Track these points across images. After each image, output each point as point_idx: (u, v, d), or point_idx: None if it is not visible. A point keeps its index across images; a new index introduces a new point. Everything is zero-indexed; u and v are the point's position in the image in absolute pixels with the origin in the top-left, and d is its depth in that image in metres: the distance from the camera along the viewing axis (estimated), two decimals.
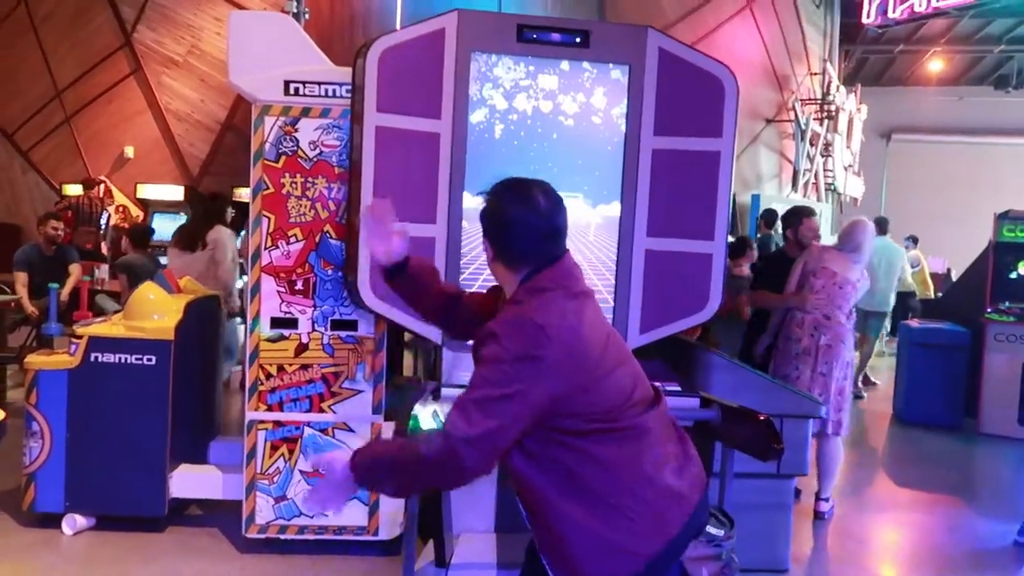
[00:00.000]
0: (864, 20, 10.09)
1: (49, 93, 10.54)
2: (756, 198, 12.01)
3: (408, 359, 4.86)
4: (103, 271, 7.22)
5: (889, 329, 9.35)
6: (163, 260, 9.07)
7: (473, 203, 3.25)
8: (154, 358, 3.45)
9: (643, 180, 3.31)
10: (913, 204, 19.38)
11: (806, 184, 14.17)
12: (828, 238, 14.48)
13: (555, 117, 3.29)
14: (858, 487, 5.04)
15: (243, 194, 9.84)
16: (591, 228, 3.35)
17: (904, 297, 9.10)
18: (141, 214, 10.25)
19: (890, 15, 9.52)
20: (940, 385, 6.74)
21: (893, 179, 20.00)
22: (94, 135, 10.61)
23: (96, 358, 3.43)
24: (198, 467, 3.69)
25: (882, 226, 8.00)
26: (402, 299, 2.12)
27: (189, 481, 3.59)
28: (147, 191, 10.08)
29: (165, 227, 9.81)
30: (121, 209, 10.30)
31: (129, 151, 10.55)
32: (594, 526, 1.63)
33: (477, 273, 3.27)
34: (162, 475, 3.50)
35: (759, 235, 9.12)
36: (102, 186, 10.06)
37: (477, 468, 1.56)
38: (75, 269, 6.36)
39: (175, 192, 10.00)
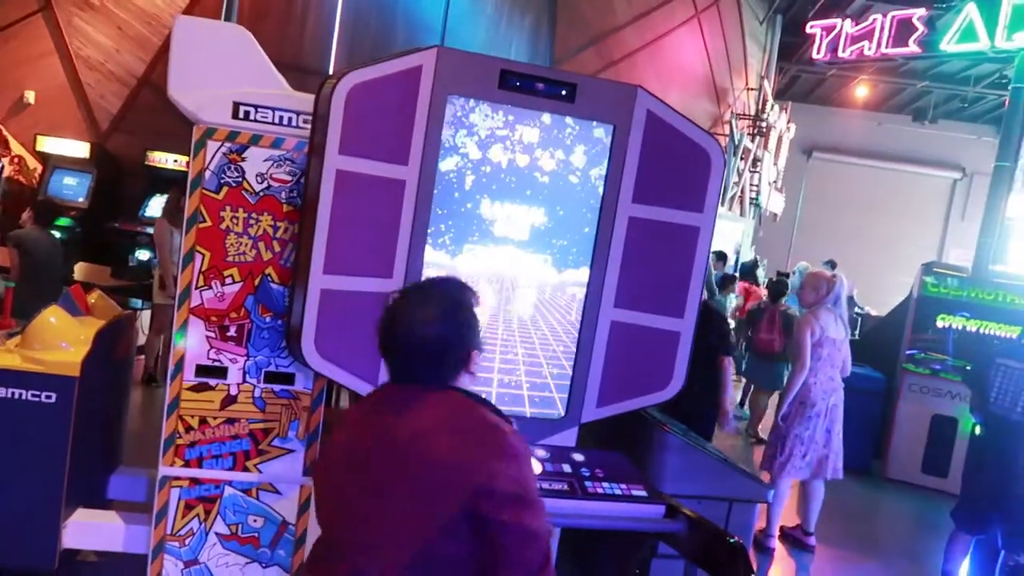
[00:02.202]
0: (814, 55, 10.23)
1: None
2: None
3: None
4: None
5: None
6: (62, 222, 8.39)
7: (434, 257, 2.99)
8: (54, 395, 3.03)
9: (616, 248, 3.12)
10: (826, 222, 20.16)
11: (732, 199, 14.40)
12: (747, 252, 14.85)
13: (531, 172, 3.05)
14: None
15: (156, 158, 9.16)
16: (557, 293, 3.15)
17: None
18: (39, 167, 9.40)
19: (840, 54, 9.67)
20: (853, 429, 6.89)
21: (809, 196, 20.68)
22: None
23: None
24: (96, 513, 3.30)
25: None
26: None
27: (85, 530, 3.19)
28: (48, 144, 9.22)
29: (68, 185, 9.03)
30: (17, 160, 9.41)
31: (30, 96, 9.59)
32: None
33: None
34: (54, 524, 3.10)
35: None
36: None
37: None
38: None
39: (80, 148, 9.18)
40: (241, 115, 2.87)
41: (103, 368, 3.30)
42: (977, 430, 4.32)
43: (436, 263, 2.99)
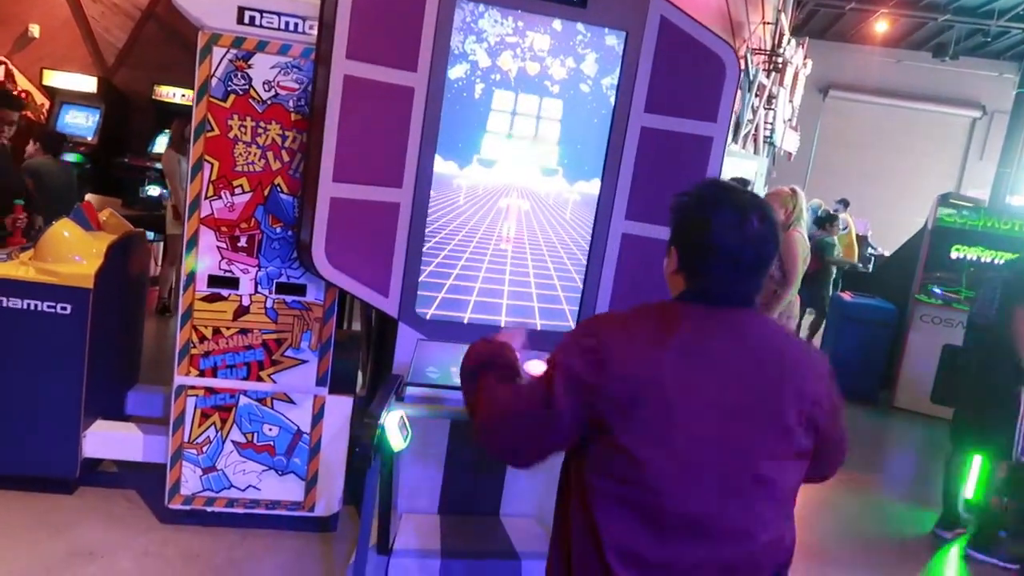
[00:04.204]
0: None
1: None
2: None
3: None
4: None
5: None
6: (70, 158, 8.39)
7: (444, 167, 2.97)
8: (69, 307, 3.07)
9: (628, 159, 3.08)
10: (841, 162, 19.88)
11: (746, 136, 14.17)
12: (760, 189, 14.69)
13: (541, 81, 3.00)
14: None
15: (163, 92, 9.08)
16: (568, 205, 3.13)
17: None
18: (47, 102, 9.35)
19: None
20: (863, 358, 6.95)
21: (825, 135, 20.34)
22: None
23: (1, 303, 3.03)
24: (115, 424, 3.37)
25: None
26: None
27: (105, 440, 3.28)
28: (55, 79, 9.15)
29: (76, 121, 9.00)
30: (24, 95, 9.36)
31: (34, 30, 9.49)
32: None
33: (442, 244, 3.02)
34: (74, 434, 3.17)
35: None
36: (2, 68, 9.08)
37: None
38: None
39: (87, 83, 9.10)
40: (246, 20, 2.82)
41: (116, 282, 3.33)
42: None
43: (445, 173, 2.97)
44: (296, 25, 2.87)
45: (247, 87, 2.87)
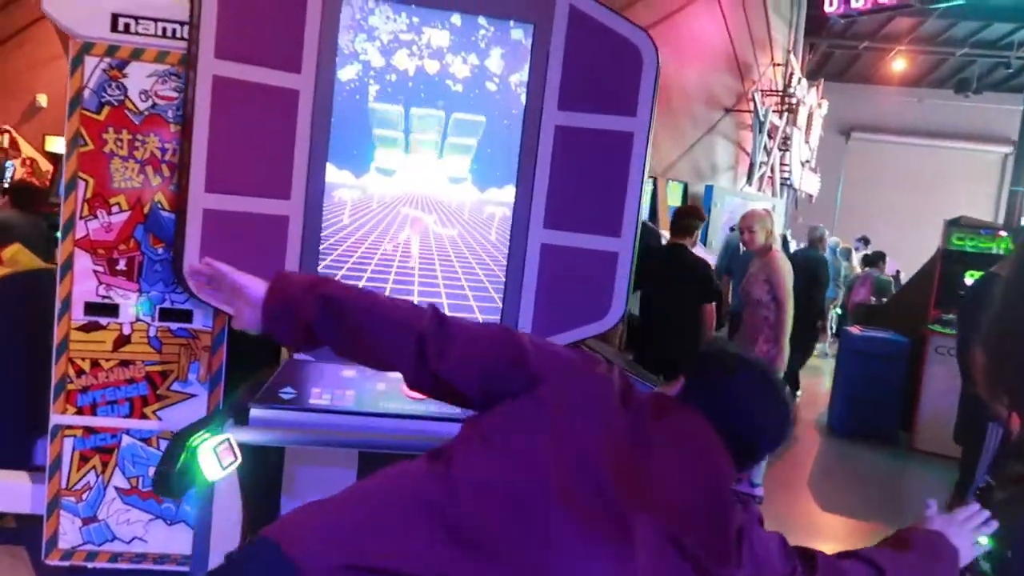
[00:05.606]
0: (827, 8, 9.69)
1: None
2: (710, 189, 11.62)
3: None
4: None
5: None
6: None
7: (338, 176, 2.72)
8: None
9: (543, 162, 2.80)
10: (868, 203, 19.34)
11: (761, 177, 13.84)
12: (779, 231, 14.26)
13: (442, 80, 2.76)
14: (784, 508, 4.66)
15: None
16: (480, 215, 2.84)
17: None
18: (51, 169, 9.49)
19: (853, 5, 9.12)
20: (877, 396, 6.43)
21: (849, 177, 19.89)
22: (2, 79, 9.74)
23: None
24: (6, 473, 3.11)
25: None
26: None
27: None
28: (57, 144, 9.30)
29: None
30: (28, 162, 9.51)
31: (42, 99, 9.74)
32: None
33: (339, 262, 2.75)
34: None
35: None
36: (6, 136, 9.25)
37: None
38: None
39: None
40: (121, 27, 2.64)
41: (9, 320, 3.11)
42: None
43: (340, 183, 2.72)
44: (175, 31, 2.68)
45: (122, 97, 2.67)
